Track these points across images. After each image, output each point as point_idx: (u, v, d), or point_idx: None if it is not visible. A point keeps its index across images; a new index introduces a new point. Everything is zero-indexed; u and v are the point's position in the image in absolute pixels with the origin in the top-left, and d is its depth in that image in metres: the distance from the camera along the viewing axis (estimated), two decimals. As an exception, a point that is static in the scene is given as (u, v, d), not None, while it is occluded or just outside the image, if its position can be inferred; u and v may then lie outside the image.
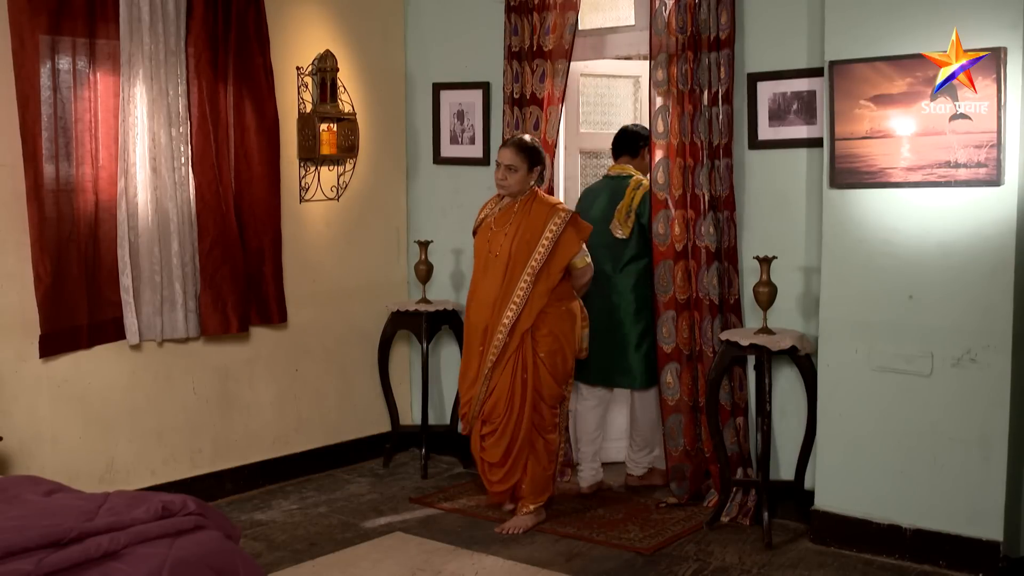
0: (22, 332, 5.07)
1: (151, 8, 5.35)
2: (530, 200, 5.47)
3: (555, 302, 5.42)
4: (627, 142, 6.01)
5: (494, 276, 5.44)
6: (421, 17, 6.74)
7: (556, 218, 5.37)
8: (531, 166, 5.43)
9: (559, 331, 5.43)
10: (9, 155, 5.00)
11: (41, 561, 2.69)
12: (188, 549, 2.92)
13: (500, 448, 5.39)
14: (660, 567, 4.94)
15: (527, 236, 5.38)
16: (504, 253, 5.41)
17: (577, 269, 5.47)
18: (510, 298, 5.36)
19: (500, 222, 5.51)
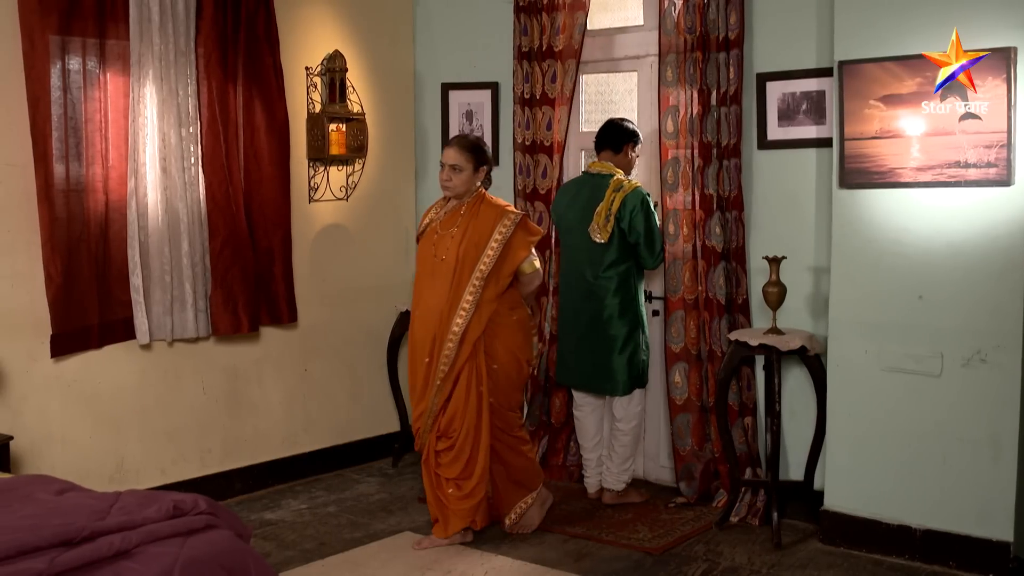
0: (33, 332, 5.09)
1: (161, 8, 5.37)
2: (477, 202, 5.24)
3: (505, 311, 5.21)
4: (610, 137, 5.69)
5: (441, 282, 5.18)
6: (430, 18, 6.75)
7: (505, 220, 5.16)
8: (477, 166, 5.20)
9: (512, 342, 5.24)
10: (20, 155, 5.01)
11: (53, 560, 2.70)
12: (199, 548, 2.93)
13: (459, 464, 5.12)
14: (669, 567, 4.94)
15: (475, 239, 5.14)
16: (451, 257, 5.16)
17: (525, 275, 5.25)
18: (459, 304, 5.12)
19: (446, 225, 5.25)
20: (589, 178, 5.69)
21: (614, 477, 5.77)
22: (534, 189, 6.20)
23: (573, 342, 5.74)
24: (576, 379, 5.80)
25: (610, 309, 5.58)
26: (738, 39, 5.46)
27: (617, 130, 5.69)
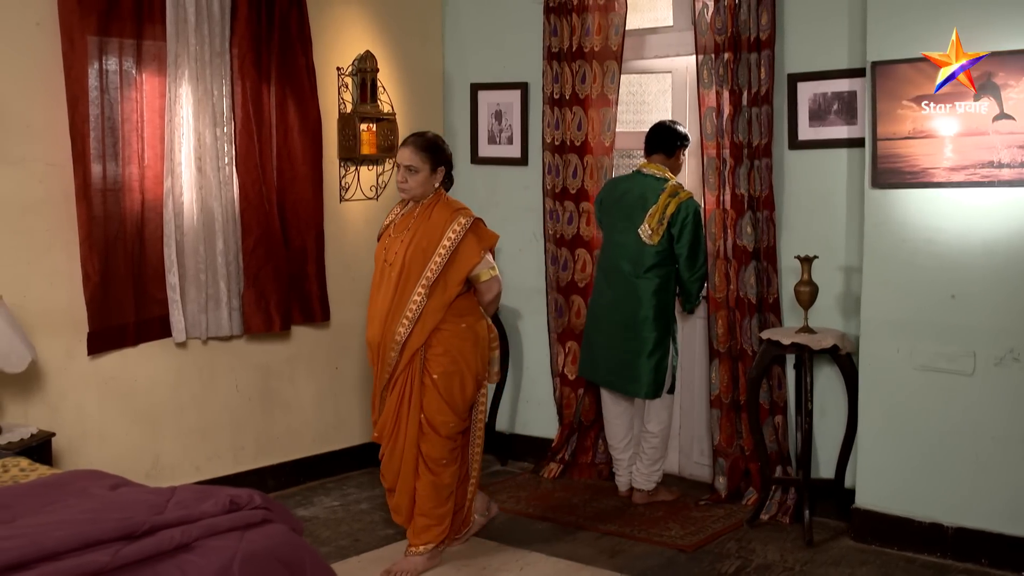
0: (71, 330, 5.14)
1: (197, 9, 5.41)
2: (432, 204, 4.96)
3: (454, 318, 4.89)
4: (663, 140, 5.69)
5: (387, 287, 4.93)
6: (459, 18, 6.79)
7: (455, 224, 4.86)
8: (434, 166, 4.93)
9: (456, 351, 4.88)
10: (59, 155, 5.06)
11: (117, 553, 2.74)
12: (257, 542, 2.97)
13: (391, 474, 4.92)
14: (703, 564, 4.98)
15: (423, 243, 4.86)
16: (399, 262, 4.89)
17: (481, 283, 4.93)
18: (402, 312, 4.85)
19: (400, 228, 5.00)
20: (641, 178, 5.68)
21: (644, 477, 5.80)
22: (564, 189, 6.23)
23: (603, 338, 5.76)
24: (601, 376, 5.83)
25: (646, 311, 5.59)
26: (769, 40, 5.49)
27: (670, 133, 5.70)
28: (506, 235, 6.58)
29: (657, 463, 5.80)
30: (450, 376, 4.87)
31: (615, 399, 5.87)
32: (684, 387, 6.11)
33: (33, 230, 5.02)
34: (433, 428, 4.85)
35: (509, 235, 6.60)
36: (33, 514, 3.07)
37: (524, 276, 6.59)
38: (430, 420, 4.85)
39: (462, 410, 4.93)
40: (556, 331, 6.36)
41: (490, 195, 6.70)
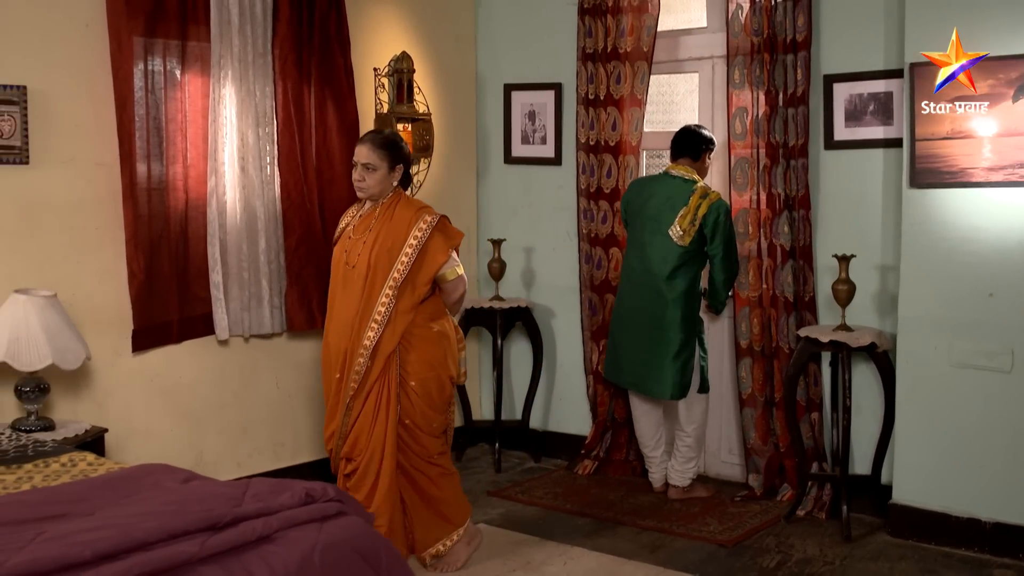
0: (117, 327, 5.20)
1: (240, 11, 5.48)
2: (393, 203, 4.88)
3: (424, 323, 4.82)
4: (689, 144, 5.73)
5: (352, 291, 4.82)
6: (492, 19, 6.86)
7: (421, 223, 4.78)
8: (392, 164, 4.85)
9: (431, 357, 4.82)
10: (107, 155, 5.12)
11: (204, 543, 2.80)
12: (335, 533, 3.03)
13: (363, 489, 4.74)
14: (744, 559, 5.04)
15: (388, 244, 4.77)
16: (363, 264, 4.79)
17: (447, 282, 4.87)
18: (370, 316, 4.74)
19: (359, 230, 4.90)
20: (669, 179, 5.72)
21: (679, 474, 5.86)
22: (598, 188, 6.30)
23: (628, 339, 5.81)
24: (625, 378, 5.89)
25: (673, 312, 5.62)
26: (806, 41, 5.55)
27: (696, 137, 5.73)
28: (539, 234, 6.68)
29: (692, 461, 5.86)
30: (428, 383, 4.80)
31: (642, 399, 5.93)
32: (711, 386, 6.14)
33: (82, 229, 5.08)
34: (421, 429, 4.80)
35: (542, 234, 6.69)
36: (112, 506, 3.13)
37: (557, 275, 6.65)
38: (416, 423, 4.79)
39: (442, 411, 4.91)
40: (590, 329, 6.42)
41: (523, 194, 6.77)
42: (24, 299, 4.56)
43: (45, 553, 2.63)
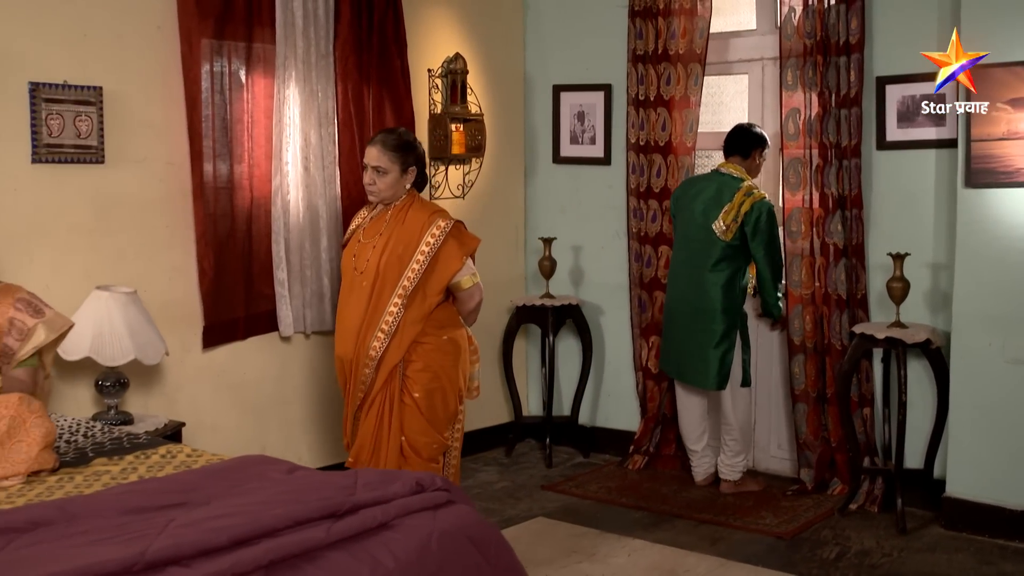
0: (186, 324, 5.30)
1: (304, 13, 5.58)
2: (406, 206, 4.70)
3: (434, 331, 4.62)
4: (739, 142, 5.82)
5: (359, 298, 4.64)
6: (540, 21, 6.96)
7: (434, 228, 4.59)
8: (404, 166, 4.67)
9: (437, 366, 4.62)
10: (177, 154, 5.23)
11: (330, 529, 2.90)
12: (449, 521, 3.13)
13: None
14: (803, 551, 5.15)
15: (399, 250, 4.58)
16: (371, 270, 4.61)
17: (463, 290, 4.68)
18: (377, 325, 4.57)
19: (370, 233, 4.72)
20: (718, 176, 5.83)
21: (728, 468, 5.96)
22: (648, 188, 6.40)
23: (675, 330, 5.93)
24: (674, 369, 6.00)
25: (714, 302, 5.74)
26: (859, 43, 5.65)
27: (746, 135, 5.83)
28: (588, 232, 6.78)
29: (740, 455, 5.96)
30: (432, 394, 4.62)
31: (688, 391, 6.03)
32: (760, 383, 6.28)
33: (153, 227, 5.18)
34: (415, 450, 4.60)
35: (591, 232, 6.79)
36: (228, 495, 3.23)
37: (606, 273, 6.76)
38: (412, 443, 4.60)
39: (445, 428, 4.71)
40: (639, 326, 6.53)
41: (572, 194, 6.87)
42: (106, 295, 4.66)
43: (185, 539, 2.73)
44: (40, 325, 3.89)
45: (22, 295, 3.96)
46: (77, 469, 3.66)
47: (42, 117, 4.74)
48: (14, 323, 3.88)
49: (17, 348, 3.86)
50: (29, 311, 3.92)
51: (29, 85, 4.71)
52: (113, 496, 3.22)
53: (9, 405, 3.58)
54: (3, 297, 3.92)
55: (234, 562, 2.67)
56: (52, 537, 2.88)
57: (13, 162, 4.69)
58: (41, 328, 3.89)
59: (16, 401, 3.60)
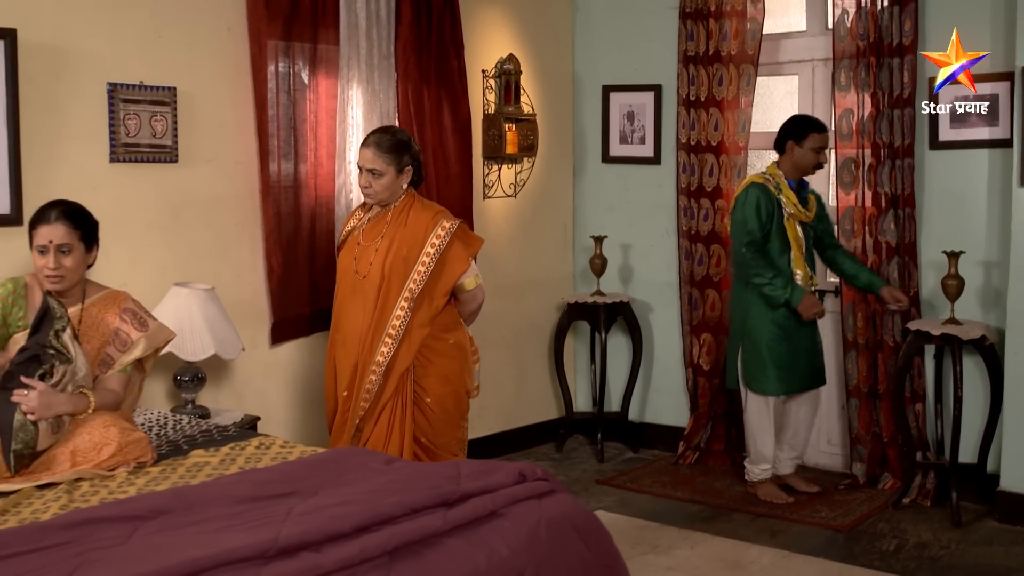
0: (254, 320, 5.39)
1: (367, 14, 5.67)
2: (406, 207, 4.62)
3: (439, 335, 4.58)
4: (776, 138, 5.75)
5: (363, 303, 4.56)
6: (590, 23, 7.05)
7: (439, 229, 4.53)
8: (400, 167, 4.56)
9: (448, 371, 4.61)
10: (245, 153, 5.32)
11: (445, 517, 3.00)
12: (553, 509, 3.22)
13: None
14: (862, 543, 5.24)
15: (403, 252, 4.50)
16: (375, 274, 4.53)
17: (466, 292, 4.64)
18: (384, 330, 4.50)
19: (370, 235, 4.63)
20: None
21: (782, 463, 5.95)
22: (699, 187, 6.49)
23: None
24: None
25: (732, 302, 5.94)
26: (912, 45, 5.74)
27: (780, 130, 5.75)
28: (637, 231, 6.87)
29: (748, 459, 5.89)
30: (444, 398, 4.61)
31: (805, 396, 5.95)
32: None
33: (223, 225, 5.28)
34: (438, 448, 4.62)
35: (640, 231, 6.88)
36: (334, 486, 3.32)
37: (655, 271, 6.85)
38: (433, 442, 4.61)
39: (460, 424, 4.72)
40: (690, 323, 6.61)
41: (621, 192, 6.96)
42: (186, 292, 4.76)
43: (311, 525, 2.83)
44: (142, 339, 3.93)
45: (128, 305, 4.00)
46: (176, 460, 3.76)
47: (120, 117, 4.84)
48: (118, 334, 3.93)
49: (117, 358, 3.92)
50: (135, 323, 3.96)
51: (108, 86, 4.80)
52: (224, 485, 3.33)
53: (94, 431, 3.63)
54: (110, 306, 3.97)
55: (362, 547, 2.77)
56: (175, 524, 2.99)
57: (93, 161, 4.79)
58: (143, 341, 3.93)
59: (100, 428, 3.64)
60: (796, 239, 5.67)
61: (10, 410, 3.52)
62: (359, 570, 2.72)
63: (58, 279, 3.80)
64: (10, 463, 3.50)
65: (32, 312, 3.84)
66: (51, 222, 3.80)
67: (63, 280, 3.81)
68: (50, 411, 3.56)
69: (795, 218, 5.66)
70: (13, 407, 3.52)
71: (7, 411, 3.53)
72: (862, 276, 5.74)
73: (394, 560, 2.80)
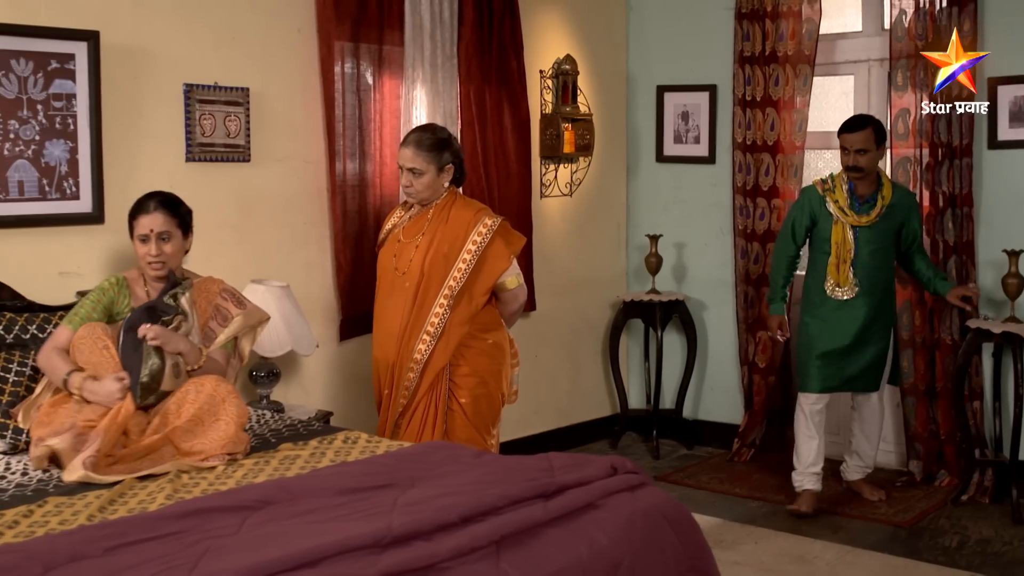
0: (322, 316, 5.48)
1: (431, 16, 5.74)
2: (448, 205, 4.59)
3: (478, 333, 4.54)
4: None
5: (401, 300, 4.54)
6: (643, 23, 7.11)
7: (480, 226, 4.50)
8: (440, 165, 4.54)
9: (484, 371, 4.56)
10: (313, 153, 5.41)
11: (546, 507, 3.07)
12: (646, 501, 3.29)
13: None
14: (924, 539, 5.29)
15: (444, 249, 4.48)
16: (415, 271, 4.51)
17: (507, 291, 4.60)
18: (422, 327, 4.48)
19: (410, 233, 4.62)
20: None
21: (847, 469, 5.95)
22: (755, 186, 6.55)
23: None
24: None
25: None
26: (971, 45, 5.78)
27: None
28: (691, 230, 6.94)
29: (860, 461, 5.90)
30: (479, 399, 4.56)
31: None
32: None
33: (292, 223, 5.37)
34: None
35: (695, 230, 6.94)
36: (430, 478, 3.40)
37: (710, 269, 6.91)
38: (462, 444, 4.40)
39: (490, 430, 4.64)
40: (745, 321, 6.67)
41: (675, 191, 7.02)
42: (263, 289, 4.84)
43: (421, 516, 2.91)
44: (240, 315, 4.14)
45: (226, 287, 4.23)
46: (267, 453, 3.83)
47: (196, 117, 4.94)
48: (219, 310, 4.15)
49: (218, 333, 4.11)
50: (233, 301, 4.18)
51: (184, 87, 4.90)
52: (322, 478, 3.41)
53: (206, 383, 3.81)
54: (210, 285, 4.19)
55: (472, 537, 2.84)
56: (282, 515, 3.07)
57: (170, 161, 4.89)
58: (240, 318, 4.14)
59: (213, 381, 3.83)
60: (838, 243, 5.48)
61: (139, 343, 3.75)
62: (470, 559, 2.78)
63: (160, 265, 4.01)
64: (135, 392, 3.71)
65: (137, 304, 4.02)
66: (150, 212, 4.02)
67: (164, 266, 4.02)
68: (170, 342, 3.81)
69: (844, 222, 5.49)
70: (139, 343, 3.75)
71: (135, 342, 3.76)
72: (932, 281, 5.61)
73: (501, 549, 2.86)
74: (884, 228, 5.52)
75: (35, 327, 4.20)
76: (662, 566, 3.22)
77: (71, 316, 4.00)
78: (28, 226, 4.47)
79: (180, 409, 3.74)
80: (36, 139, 4.46)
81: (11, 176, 4.41)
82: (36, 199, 4.49)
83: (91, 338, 3.84)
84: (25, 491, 3.39)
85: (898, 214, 5.54)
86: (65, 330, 3.95)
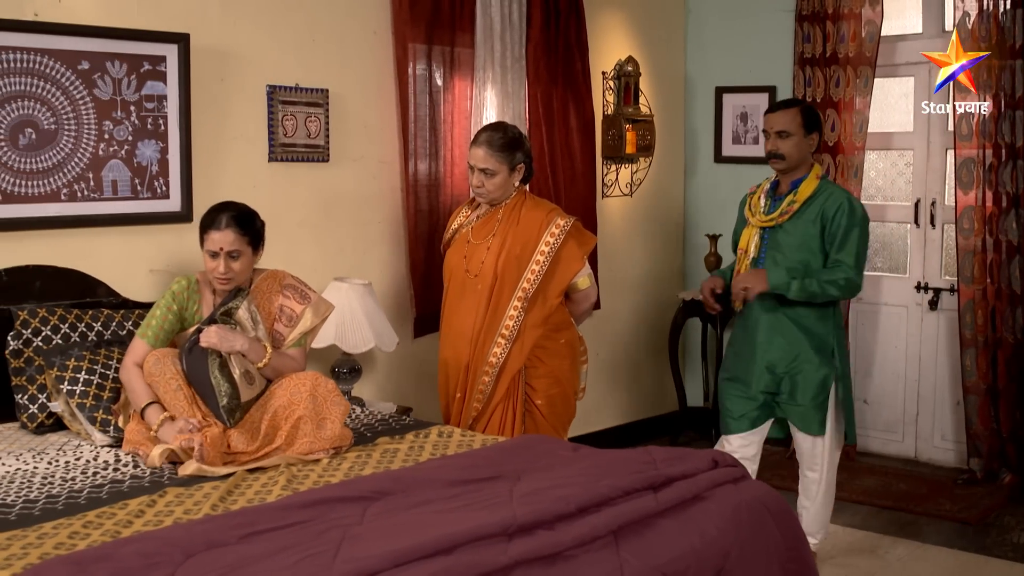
0: (394, 314, 5.57)
1: (501, 17, 5.83)
2: (518, 205, 4.54)
3: (551, 334, 4.52)
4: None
5: (474, 302, 4.50)
6: (702, 25, 7.19)
7: (553, 227, 4.45)
8: (512, 165, 4.48)
9: (559, 371, 4.55)
10: (388, 153, 5.51)
11: (656, 499, 3.16)
12: (749, 493, 3.38)
13: None
14: (992, 535, 5.35)
15: (516, 251, 4.42)
16: (487, 273, 4.46)
17: (579, 292, 4.58)
18: (497, 330, 4.44)
19: (480, 233, 4.56)
20: None
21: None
22: (816, 186, 6.61)
23: None
24: None
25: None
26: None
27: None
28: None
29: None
30: (554, 399, 4.55)
31: None
32: (923, 377, 6.53)
33: (368, 222, 5.46)
34: None
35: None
36: (534, 471, 3.48)
37: (768, 269, 6.96)
38: None
39: (566, 428, 4.66)
40: (802, 320, 6.71)
41: (734, 192, 7.03)
42: (346, 287, 4.94)
43: (540, 506, 3.00)
44: (308, 310, 4.15)
45: (288, 281, 4.21)
46: (367, 447, 3.93)
47: (278, 118, 5.04)
48: (283, 310, 4.16)
49: (287, 334, 4.13)
50: (296, 297, 4.18)
51: (267, 88, 5.00)
52: (430, 470, 3.51)
53: (305, 382, 3.86)
54: (272, 284, 4.19)
55: (591, 527, 2.93)
56: (399, 505, 3.16)
57: (253, 160, 4.99)
58: (308, 313, 4.15)
59: (312, 379, 3.88)
60: (743, 249, 4.82)
61: (203, 365, 3.78)
62: (591, 547, 2.88)
63: (227, 281, 4.00)
64: (223, 418, 3.77)
65: (206, 308, 4.06)
66: (221, 228, 3.97)
67: (231, 283, 4.02)
68: (228, 343, 3.81)
69: (752, 224, 4.80)
70: (205, 360, 3.77)
71: (200, 366, 3.79)
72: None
73: (619, 539, 2.96)
74: (797, 232, 4.64)
75: (131, 324, 4.30)
76: (765, 557, 3.31)
77: (144, 327, 3.98)
78: (121, 224, 4.58)
79: (289, 413, 3.78)
80: (129, 139, 4.57)
81: (105, 176, 4.52)
82: (129, 198, 4.60)
83: (162, 378, 3.80)
84: (142, 482, 3.49)
85: (817, 218, 4.61)
86: (141, 343, 3.94)
